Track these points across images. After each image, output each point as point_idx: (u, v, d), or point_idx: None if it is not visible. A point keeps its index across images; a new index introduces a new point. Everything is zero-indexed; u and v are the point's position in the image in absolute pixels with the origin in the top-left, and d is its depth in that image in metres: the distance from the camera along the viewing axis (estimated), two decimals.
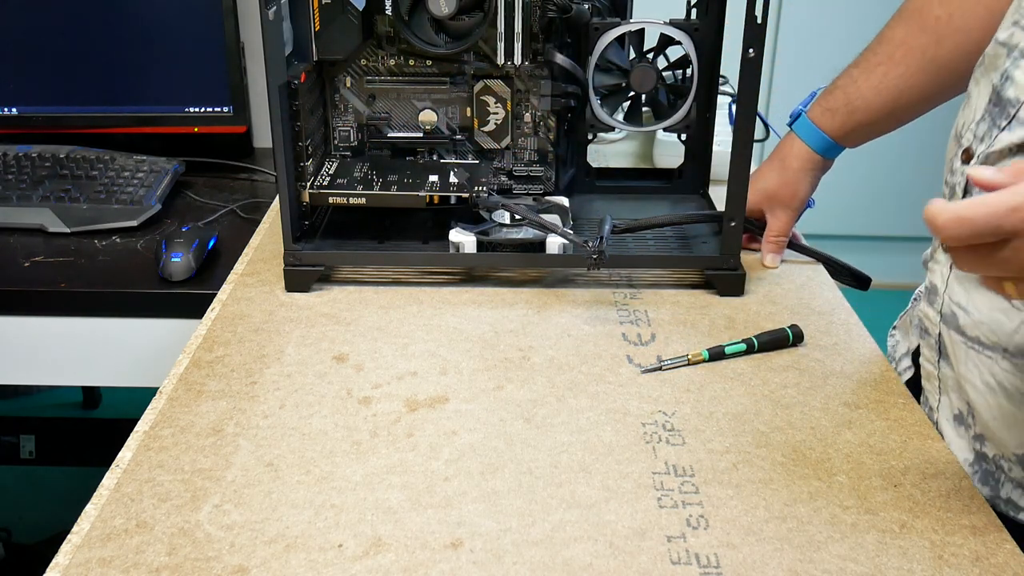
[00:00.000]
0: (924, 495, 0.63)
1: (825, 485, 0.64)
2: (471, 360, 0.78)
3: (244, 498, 0.62)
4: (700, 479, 0.65)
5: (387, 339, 0.81)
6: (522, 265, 0.91)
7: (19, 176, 1.16)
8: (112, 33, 1.23)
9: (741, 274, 0.89)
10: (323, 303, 0.87)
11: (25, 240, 1.08)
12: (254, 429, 0.69)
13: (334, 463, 0.66)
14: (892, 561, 0.58)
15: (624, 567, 0.57)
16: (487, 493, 0.63)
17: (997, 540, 0.59)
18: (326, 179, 0.91)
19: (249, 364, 0.77)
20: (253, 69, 1.30)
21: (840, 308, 0.88)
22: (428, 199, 0.89)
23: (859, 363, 0.79)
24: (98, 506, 0.61)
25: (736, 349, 0.79)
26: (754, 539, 0.59)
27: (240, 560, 0.57)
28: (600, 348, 0.80)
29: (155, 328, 1.00)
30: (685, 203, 1.02)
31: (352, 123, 0.97)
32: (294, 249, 0.88)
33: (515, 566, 0.57)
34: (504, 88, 0.94)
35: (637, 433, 0.69)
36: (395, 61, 0.94)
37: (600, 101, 0.96)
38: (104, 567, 0.56)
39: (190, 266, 0.99)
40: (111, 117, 1.26)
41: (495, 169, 0.98)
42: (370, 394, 0.74)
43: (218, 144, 1.30)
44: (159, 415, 0.71)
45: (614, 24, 0.93)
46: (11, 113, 1.26)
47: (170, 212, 1.15)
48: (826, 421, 0.71)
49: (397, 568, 0.57)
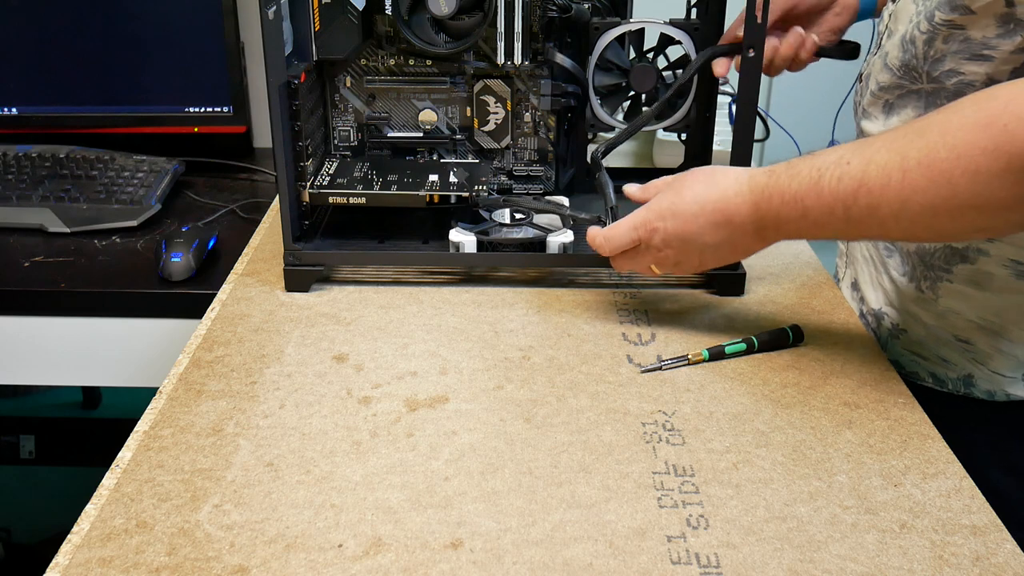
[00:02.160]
0: (924, 495, 0.63)
1: (825, 485, 0.64)
2: (471, 360, 0.78)
3: (244, 498, 0.62)
4: (700, 479, 0.65)
5: (387, 339, 0.81)
6: (522, 265, 0.91)
7: (19, 176, 1.16)
8: (112, 33, 1.23)
9: (741, 274, 0.89)
10: (323, 303, 0.87)
11: (25, 240, 1.08)
12: (254, 429, 0.69)
13: (334, 463, 0.66)
14: (892, 561, 0.58)
15: (624, 567, 0.57)
16: (487, 493, 0.63)
17: (997, 540, 0.59)
18: (326, 179, 0.91)
19: (249, 364, 0.77)
20: (253, 69, 1.30)
21: (840, 308, 0.88)
22: (428, 199, 0.89)
23: (859, 363, 0.79)
24: (98, 506, 0.61)
25: (736, 349, 0.79)
26: (754, 539, 0.59)
27: (240, 560, 0.57)
28: (600, 348, 0.80)
29: (155, 328, 1.00)
30: None
31: (352, 123, 0.97)
32: (294, 249, 0.88)
33: (515, 566, 0.57)
34: (504, 88, 0.94)
35: (637, 433, 0.69)
36: (395, 61, 0.94)
37: (600, 101, 0.96)
38: (104, 567, 0.56)
39: (190, 266, 0.99)
40: (111, 117, 1.27)
41: (495, 169, 0.98)
42: (370, 394, 0.74)
43: (218, 144, 1.30)
44: (159, 415, 0.71)
45: (614, 24, 0.93)
46: (11, 113, 1.26)
47: (170, 212, 1.15)
48: (826, 421, 0.71)
49: (397, 568, 0.57)
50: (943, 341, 0.82)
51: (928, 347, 0.84)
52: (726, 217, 0.73)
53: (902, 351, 0.86)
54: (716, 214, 0.74)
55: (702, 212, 0.74)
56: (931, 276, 0.81)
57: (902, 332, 0.86)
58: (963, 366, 0.81)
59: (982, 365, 0.80)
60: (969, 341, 0.80)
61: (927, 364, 0.84)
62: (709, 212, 0.74)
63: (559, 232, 0.90)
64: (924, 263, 0.82)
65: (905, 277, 0.84)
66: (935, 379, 0.83)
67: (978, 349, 0.80)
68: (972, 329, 0.80)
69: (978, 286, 0.79)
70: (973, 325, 0.80)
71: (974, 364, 0.81)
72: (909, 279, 0.84)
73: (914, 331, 0.85)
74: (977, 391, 0.81)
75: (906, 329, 0.85)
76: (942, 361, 0.83)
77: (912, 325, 0.85)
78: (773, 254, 0.98)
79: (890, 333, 0.87)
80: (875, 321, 0.89)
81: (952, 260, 0.79)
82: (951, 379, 0.82)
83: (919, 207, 0.63)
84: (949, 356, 0.82)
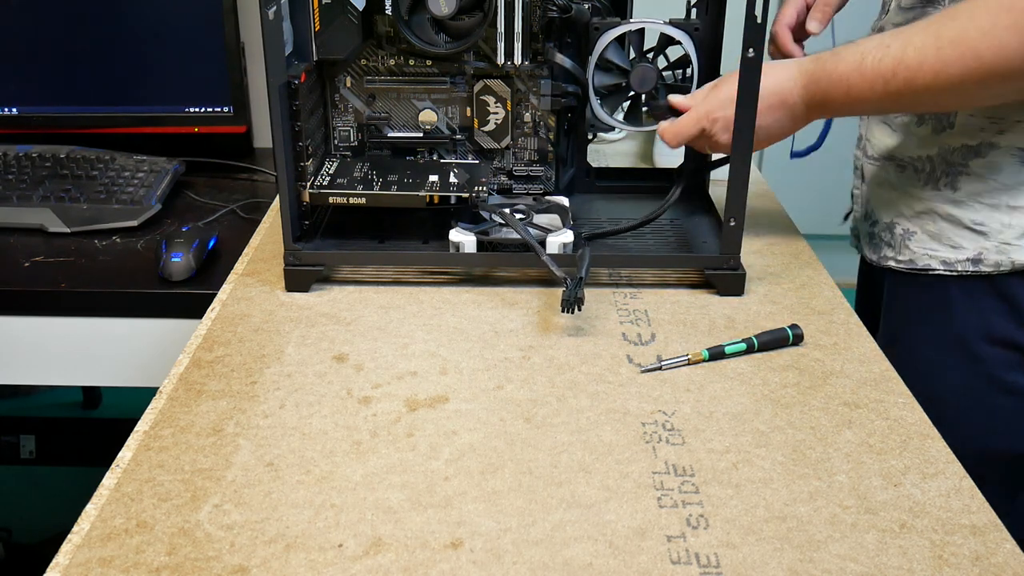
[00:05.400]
0: (924, 495, 0.63)
1: (825, 485, 0.64)
2: (471, 360, 0.78)
3: (244, 498, 0.62)
4: (700, 479, 0.65)
5: (387, 339, 0.81)
6: (522, 265, 0.91)
7: (19, 176, 1.16)
8: (112, 33, 1.23)
9: (741, 274, 0.89)
10: (323, 303, 0.87)
11: (25, 240, 1.08)
12: (254, 429, 0.69)
13: (334, 463, 0.66)
14: (892, 561, 0.58)
15: (624, 567, 0.57)
16: (487, 493, 0.63)
17: (997, 540, 0.59)
18: (326, 179, 0.91)
19: (249, 364, 0.77)
20: (253, 69, 1.30)
21: (840, 308, 0.88)
22: (428, 199, 0.89)
23: (859, 363, 0.79)
24: (98, 506, 0.61)
25: (736, 349, 0.79)
26: (754, 539, 0.59)
27: (240, 560, 0.57)
28: (600, 348, 0.80)
29: (155, 328, 1.00)
30: (685, 203, 1.02)
31: (352, 123, 0.97)
32: (294, 249, 0.88)
33: (515, 566, 0.57)
34: (504, 88, 0.94)
35: (637, 433, 0.69)
36: (395, 61, 0.94)
37: (600, 101, 0.96)
38: (104, 567, 0.56)
39: (190, 266, 0.99)
40: (111, 117, 1.27)
41: (495, 169, 0.98)
42: (370, 394, 0.74)
43: (218, 144, 1.30)
44: (159, 415, 0.71)
45: (614, 24, 0.93)
46: (11, 113, 1.26)
47: (170, 212, 1.15)
48: (826, 421, 0.71)
49: (397, 568, 0.57)
50: (959, 226, 0.91)
51: (944, 236, 0.92)
52: (781, 99, 0.87)
53: (915, 248, 0.94)
54: (772, 97, 0.86)
55: (759, 98, 0.83)
56: (951, 172, 0.90)
57: (913, 234, 0.94)
58: (975, 246, 0.90)
59: (992, 239, 0.89)
60: (984, 223, 0.89)
61: (938, 253, 0.92)
62: (766, 97, 0.85)
63: (559, 232, 0.90)
64: (945, 161, 0.91)
65: (920, 183, 0.93)
66: (945, 264, 0.92)
67: (990, 228, 0.88)
68: (988, 210, 0.89)
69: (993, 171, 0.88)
70: (986, 206, 0.88)
71: (986, 240, 0.89)
72: (924, 183, 0.93)
73: (929, 228, 0.93)
74: (984, 266, 0.89)
75: (918, 230, 0.94)
76: (952, 248, 0.91)
77: (927, 224, 0.93)
78: (773, 253, 0.98)
79: (902, 237, 0.96)
80: (888, 233, 0.97)
81: (968, 156, 0.89)
82: (960, 261, 0.90)
83: (950, 77, 0.77)
84: (962, 240, 0.90)
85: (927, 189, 0.92)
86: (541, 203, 0.96)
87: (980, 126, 0.87)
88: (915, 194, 0.94)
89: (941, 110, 0.91)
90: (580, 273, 0.82)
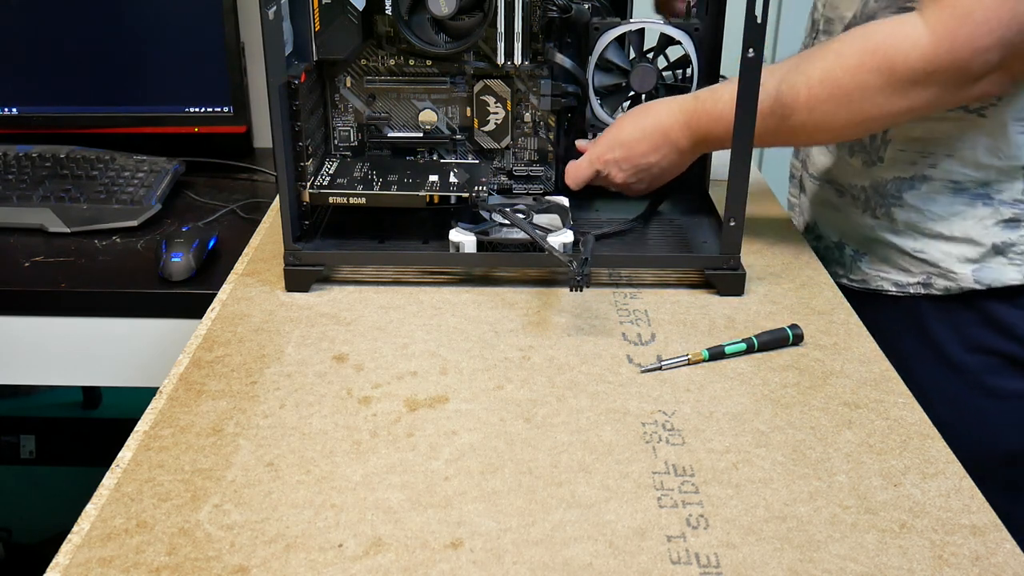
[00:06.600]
0: (924, 495, 0.63)
1: (825, 485, 0.64)
2: (471, 360, 0.78)
3: (244, 498, 0.62)
4: (700, 479, 0.65)
5: (387, 339, 0.81)
6: (522, 265, 0.91)
7: (19, 176, 1.16)
8: (112, 33, 1.23)
9: (741, 274, 0.89)
10: (323, 303, 0.87)
11: (25, 240, 1.08)
12: (254, 429, 0.69)
13: (334, 463, 0.66)
14: (892, 561, 0.58)
15: (624, 567, 0.57)
16: (487, 493, 0.63)
17: (997, 540, 0.59)
18: (326, 179, 0.91)
19: (249, 364, 0.77)
20: (253, 69, 1.30)
21: (840, 308, 0.88)
22: (428, 199, 0.89)
23: (859, 363, 0.79)
24: (98, 506, 0.61)
25: (736, 349, 0.79)
26: (754, 539, 0.59)
27: (240, 560, 0.57)
28: (600, 348, 0.80)
29: (155, 328, 1.00)
30: (685, 203, 1.02)
31: (352, 123, 0.97)
32: (294, 249, 0.88)
33: (515, 566, 0.57)
34: (504, 88, 0.94)
35: (637, 433, 0.69)
36: (395, 61, 0.94)
37: (600, 101, 0.96)
38: (104, 567, 0.56)
39: (190, 266, 0.99)
40: (111, 117, 1.27)
41: (495, 169, 0.98)
42: (370, 394, 0.74)
43: (218, 144, 1.30)
44: (159, 415, 0.71)
45: (614, 24, 0.93)
46: (11, 113, 1.26)
47: (170, 212, 1.15)
48: (826, 421, 0.71)
49: (397, 568, 0.57)
50: (902, 253, 0.94)
51: (892, 260, 0.95)
52: (664, 137, 0.89)
53: (866, 270, 0.97)
54: (655, 135, 0.90)
55: (644, 137, 0.89)
56: (885, 204, 0.94)
57: (863, 256, 0.98)
58: (921, 271, 0.93)
59: (936, 266, 0.92)
60: (924, 251, 0.92)
61: (890, 275, 0.95)
62: (649, 136, 0.90)
63: (559, 232, 0.90)
64: (878, 193, 0.94)
65: (859, 209, 0.97)
66: (897, 286, 0.95)
67: (932, 256, 0.92)
68: (926, 239, 0.92)
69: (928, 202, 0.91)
70: (924, 236, 0.92)
71: (931, 267, 0.92)
72: (863, 210, 0.97)
73: (876, 252, 0.96)
74: (935, 290, 0.92)
75: (867, 253, 0.97)
76: (901, 271, 0.94)
77: (873, 247, 0.96)
78: (773, 253, 0.98)
79: (852, 258, 0.99)
80: (837, 252, 1.01)
81: (902, 188, 0.92)
82: (912, 284, 0.93)
83: (822, 115, 0.82)
84: (908, 266, 0.94)
85: (867, 216, 0.96)
86: (541, 203, 0.96)
87: (911, 160, 0.90)
88: (857, 220, 0.97)
89: (819, 144, 0.99)
90: (585, 254, 0.82)
